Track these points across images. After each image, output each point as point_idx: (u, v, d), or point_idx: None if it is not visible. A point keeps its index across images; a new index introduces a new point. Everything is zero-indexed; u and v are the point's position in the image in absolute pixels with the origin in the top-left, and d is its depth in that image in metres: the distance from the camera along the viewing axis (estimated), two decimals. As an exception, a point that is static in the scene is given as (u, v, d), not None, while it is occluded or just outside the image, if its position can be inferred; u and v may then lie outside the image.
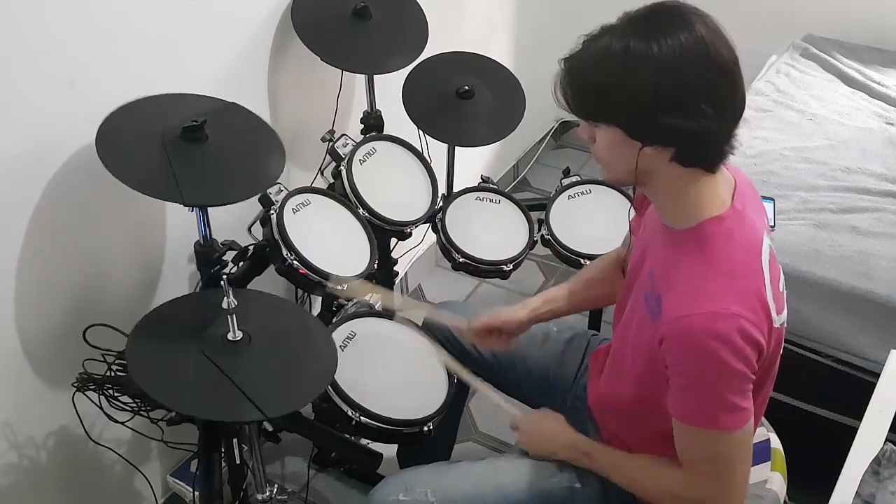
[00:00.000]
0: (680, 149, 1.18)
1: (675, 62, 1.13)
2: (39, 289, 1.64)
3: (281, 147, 1.66)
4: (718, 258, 1.23)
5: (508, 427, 1.60)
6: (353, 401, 1.61)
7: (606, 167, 1.28)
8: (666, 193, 1.26)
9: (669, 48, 1.13)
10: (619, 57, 1.14)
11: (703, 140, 1.17)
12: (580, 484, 1.48)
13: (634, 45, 1.14)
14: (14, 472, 1.70)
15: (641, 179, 1.24)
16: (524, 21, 3.17)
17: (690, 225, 1.25)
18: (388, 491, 1.49)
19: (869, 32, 2.97)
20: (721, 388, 1.20)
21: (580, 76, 1.20)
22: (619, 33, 1.16)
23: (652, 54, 1.13)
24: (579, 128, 1.27)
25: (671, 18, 1.16)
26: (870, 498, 1.29)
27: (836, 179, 2.30)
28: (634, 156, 1.19)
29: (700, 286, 1.21)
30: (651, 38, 1.13)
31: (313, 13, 1.98)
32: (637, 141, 1.18)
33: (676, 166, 1.20)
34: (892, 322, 1.91)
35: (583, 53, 1.20)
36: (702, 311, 1.18)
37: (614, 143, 1.21)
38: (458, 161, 2.30)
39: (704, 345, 1.18)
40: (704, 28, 1.15)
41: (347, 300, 1.84)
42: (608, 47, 1.16)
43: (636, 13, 1.19)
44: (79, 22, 1.54)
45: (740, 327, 1.18)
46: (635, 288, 1.39)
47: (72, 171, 1.60)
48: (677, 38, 1.13)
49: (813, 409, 2.05)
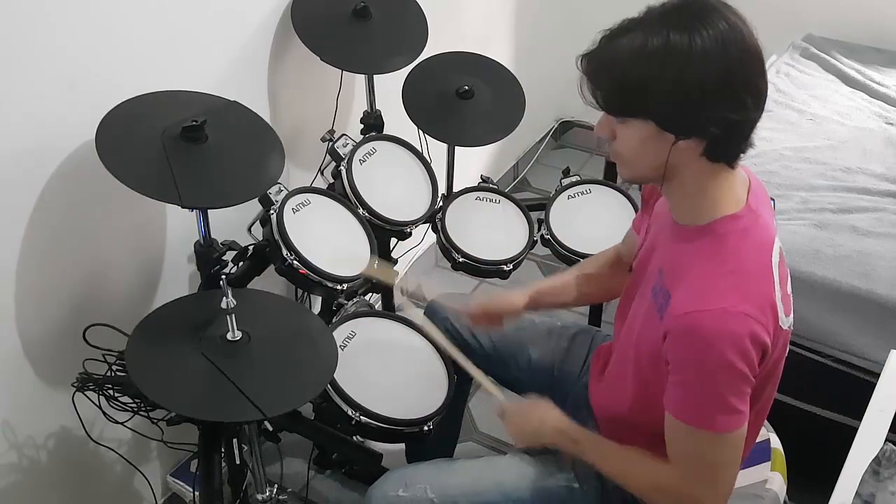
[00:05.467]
0: (715, 141, 1.17)
1: (718, 53, 1.12)
2: (39, 289, 1.64)
3: (281, 148, 1.66)
4: (731, 256, 1.22)
5: (514, 438, 1.56)
6: (353, 400, 1.61)
7: (629, 163, 1.26)
8: (686, 189, 1.25)
9: (711, 39, 1.12)
10: (661, 50, 1.13)
11: (740, 131, 1.17)
12: (579, 483, 1.48)
13: (675, 38, 1.12)
14: (14, 472, 1.70)
15: (667, 175, 1.22)
16: (524, 21, 3.17)
17: (704, 222, 1.25)
18: (387, 487, 1.49)
19: (869, 32, 2.97)
20: (721, 388, 1.20)
21: (614, 72, 1.17)
22: (655, 27, 1.15)
23: (695, 46, 1.12)
24: (598, 125, 1.25)
25: (705, 9, 1.15)
26: (870, 498, 1.29)
27: (836, 179, 2.30)
28: (666, 150, 1.18)
29: (711, 283, 1.20)
30: (692, 30, 1.12)
31: (313, 13, 1.98)
32: (671, 134, 1.17)
33: (704, 161, 1.20)
34: (892, 322, 1.91)
35: (611, 48, 1.18)
36: (711, 308, 1.17)
37: (644, 138, 1.19)
38: (458, 161, 2.30)
39: (710, 343, 1.17)
40: (735, 16, 1.15)
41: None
42: (645, 42, 1.14)
43: (666, 6, 1.17)
44: (78, 22, 1.54)
45: (748, 327, 1.17)
46: (643, 284, 1.39)
47: (71, 171, 1.60)
48: (717, 27, 1.12)
49: (813, 409, 2.05)
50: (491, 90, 2.18)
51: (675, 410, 1.25)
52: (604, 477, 1.45)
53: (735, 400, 1.21)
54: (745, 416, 1.23)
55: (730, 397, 1.20)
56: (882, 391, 1.48)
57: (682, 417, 1.25)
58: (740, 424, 1.23)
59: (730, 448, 1.25)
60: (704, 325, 1.17)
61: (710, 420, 1.22)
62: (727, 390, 1.20)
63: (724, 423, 1.22)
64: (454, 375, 1.75)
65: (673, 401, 1.26)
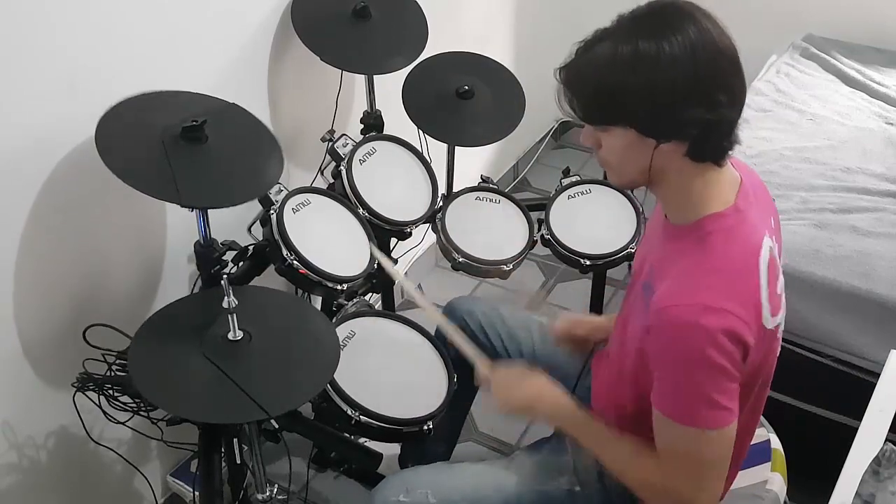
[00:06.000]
0: (696, 141, 1.18)
1: (687, 56, 1.13)
2: (39, 288, 1.64)
3: (280, 151, 1.66)
4: (715, 254, 1.23)
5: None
6: (352, 400, 1.61)
7: (616, 170, 1.28)
8: (674, 190, 1.26)
9: (680, 43, 1.13)
10: (630, 58, 1.14)
11: (719, 129, 1.18)
12: (580, 487, 1.48)
13: (644, 46, 1.14)
14: (14, 472, 1.70)
15: (654, 178, 1.24)
16: (524, 21, 3.17)
17: (692, 220, 1.26)
18: (388, 492, 1.49)
19: (869, 32, 2.97)
20: (700, 382, 1.20)
21: (588, 82, 1.20)
22: (623, 35, 1.16)
23: (664, 52, 1.13)
24: (583, 135, 1.27)
25: (673, 14, 1.16)
26: (870, 498, 1.29)
27: (836, 179, 2.30)
28: (649, 154, 1.20)
29: (694, 279, 1.21)
30: (660, 36, 1.14)
31: (313, 13, 1.98)
32: (652, 139, 1.18)
33: (688, 161, 1.21)
34: (892, 322, 1.91)
35: (585, 59, 1.20)
36: (691, 302, 1.18)
37: (627, 145, 1.21)
38: (458, 161, 2.30)
39: (685, 335, 1.18)
40: (706, 20, 1.17)
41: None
42: (614, 51, 1.16)
43: (635, 13, 1.19)
44: (78, 22, 1.54)
45: (728, 323, 1.17)
46: (637, 281, 1.40)
47: (71, 171, 1.60)
48: (685, 32, 1.14)
49: (813, 409, 2.05)
50: (491, 90, 2.18)
51: (660, 405, 1.25)
52: (606, 480, 1.45)
53: (718, 396, 1.20)
54: (733, 414, 1.22)
55: (712, 393, 1.20)
56: (882, 391, 1.48)
57: (666, 413, 1.25)
58: (727, 422, 1.22)
59: (716, 445, 1.24)
60: (681, 319, 1.18)
61: (693, 416, 1.22)
62: (707, 385, 1.20)
63: (708, 419, 1.21)
64: (454, 375, 1.75)
65: (657, 395, 1.26)
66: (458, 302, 1.88)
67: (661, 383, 1.25)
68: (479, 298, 2.31)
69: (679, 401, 1.23)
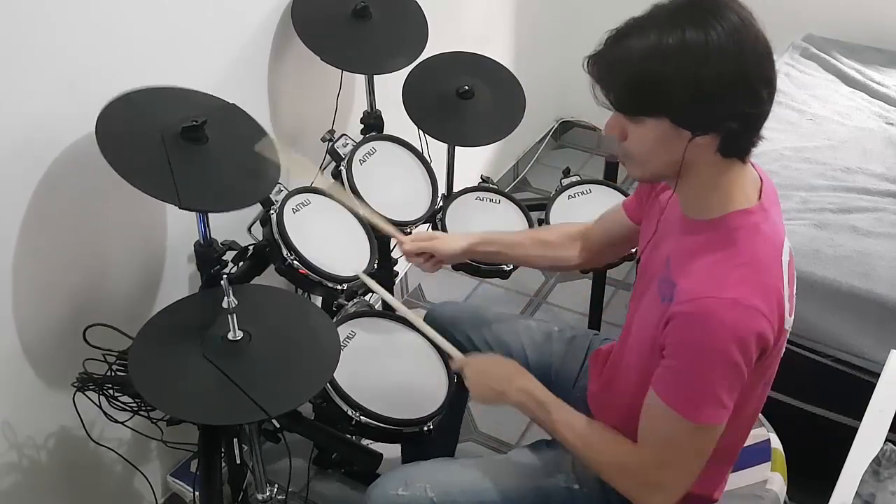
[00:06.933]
0: (731, 135, 1.17)
1: (733, 47, 1.12)
2: (39, 288, 1.64)
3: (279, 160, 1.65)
4: (743, 249, 1.22)
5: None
6: (353, 400, 1.61)
7: (642, 163, 1.25)
8: (699, 185, 1.24)
9: (726, 34, 1.12)
10: (677, 48, 1.12)
11: (755, 124, 1.17)
12: (579, 485, 1.48)
13: (691, 35, 1.12)
14: (14, 472, 1.70)
15: (682, 172, 1.21)
16: (524, 21, 3.17)
17: (715, 216, 1.25)
18: (387, 486, 1.48)
19: (869, 32, 2.98)
20: (713, 377, 1.19)
21: (628, 71, 1.17)
22: (667, 24, 1.14)
23: (711, 42, 1.11)
24: (607, 125, 1.24)
25: (715, 4, 1.15)
26: (870, 498, 1.29)
27: (836, 179, 2.30)
28: (681, 147, 1.17)
29: (723, 273, 1.20)
30: (706, 26, 1.12)
31: (313, 13, 1.98)
32: (688, 131, 1.16)
33: (717, 156, 1.20)
34: (892, 322, 1.91)
35: (625, 49, 1.17)
36: (722, 296, 1.17)
37: (658, 137, 1.18)
38: (458, 161, 2.30)
39: (715, 330, 1.16)
40: (744, 10, 1.15)
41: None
42: (659, 40, 1.13)
43: (675, 2, 1.17)
44: (78, 22, 1.54)
45: (756, 324, 1.17)
46: (647, 278, 1.38)
47: (71, 171, 1.60)
48: (730, 22, 1.12)
49: (813, 409, 2.05)
50: (491, 90, 2.18)
51: (663, 392, 1.24)
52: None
53: (724, 394, 1.20)
54: (728, 413, 1.22)
55: (720, 390, 1.20)
56: (882, 391, 1.48)
57: (668, 400, 1.23)
58: (722, 420, 1.23)
59: (706, 440, 1.25)
60: (713, 312, 1.17)
61: (695, 409, 1.21)
62: (718, 382, 1.19)
63: (708, 415, 1.21)
64: (454, 375, 1.75)
65: (662, 382, 1.25)
66: (441, 309, 1.85)
67: (671, 371, 1.23)
68: (459, 303, 2.26)
69: (686, 392, 1.22)
